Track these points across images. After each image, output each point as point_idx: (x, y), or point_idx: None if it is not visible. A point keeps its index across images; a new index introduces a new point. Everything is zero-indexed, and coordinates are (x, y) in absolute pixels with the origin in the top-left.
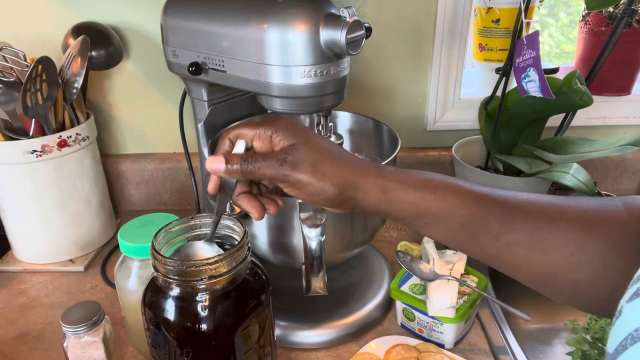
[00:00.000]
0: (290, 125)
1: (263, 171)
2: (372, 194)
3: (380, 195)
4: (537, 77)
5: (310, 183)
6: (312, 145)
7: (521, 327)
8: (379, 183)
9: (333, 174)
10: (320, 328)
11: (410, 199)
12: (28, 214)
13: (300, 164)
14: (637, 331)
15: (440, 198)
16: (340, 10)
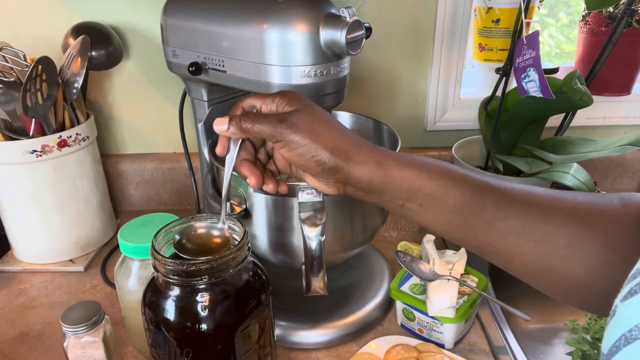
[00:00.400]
0: (295, 95)
1: (261, 128)
2: (365, 166)
3: (374, 169)
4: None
5: (304, 144)
6: (313, 112)
7: (521, 327)
8: (373, 156)
9: (328, 138)
10: (320, 328)
11: (404, 175)
12: (28, 214)
13: (298, 124)
14: (630, 332)
15: (434, 177)
16: (340, 10)
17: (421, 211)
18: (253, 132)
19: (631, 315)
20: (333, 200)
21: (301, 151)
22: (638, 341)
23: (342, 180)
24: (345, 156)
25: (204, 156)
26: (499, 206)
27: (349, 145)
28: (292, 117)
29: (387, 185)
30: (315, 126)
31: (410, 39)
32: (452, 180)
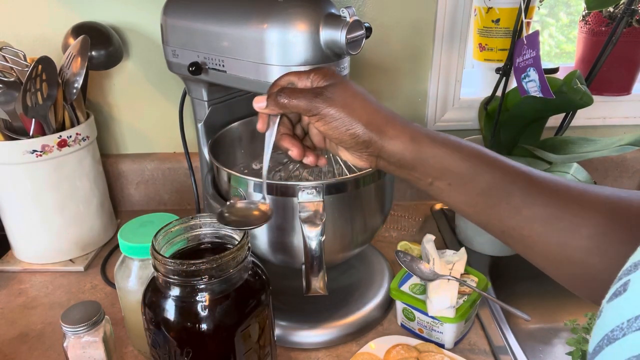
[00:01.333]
0: (330, 70)
1: (297, 102)
2: (398, 141)
3: (407, 144)
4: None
5: (339, 117)
6: (347, 86)
7: (521, 327)
8: (407, 132)
9: (362, 112)
10: (320, 328)
11: (437, 153)
12: (28, 214)
13: (333, 98)
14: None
15: (466, 158)
16: (340, 10)
17: (449, 190)
18: (290, 107)
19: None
20: (333, 200)
21: (336, 124)
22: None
23: (374, 153)
24: (378, 130)
25: (204, 156)
26: (528, 192)
27: (383, 120)
28: (327, 91)
29: (418, 162)
30: (349, 100)
31: (410, 39)
32: (483, 162)
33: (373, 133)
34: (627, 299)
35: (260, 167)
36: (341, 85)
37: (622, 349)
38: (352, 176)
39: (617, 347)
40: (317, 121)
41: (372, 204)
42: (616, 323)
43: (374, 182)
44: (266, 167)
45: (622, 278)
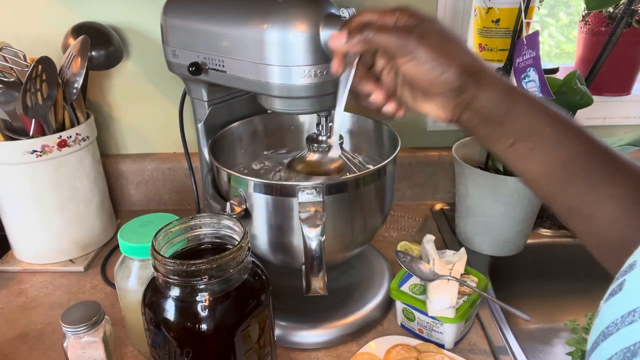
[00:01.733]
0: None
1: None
2: (494, 91)
3: (502, 96)
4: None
5: (434, 58)
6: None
7: (521, 327)
8: (503, 84)
9: (459, 56)
10: (320, 328)
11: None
12: (28, 214)
13: (430, 36)
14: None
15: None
16: (340, 10)
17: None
18: (377, 43)
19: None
20: (333, 200)
21: (429, 66)
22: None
23: (465, 102)
24: (476, 77)
25: (204, 156)
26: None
27: (480, 66)
28: (421, 28)
29: (508, 117)
30: (445, 40)
31: None
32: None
33: (470, 79)
34: (622, 297)
35: (260, 167)
36: (435, 25)
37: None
38: (352, 176)
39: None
40: (408, 62)
41: (372, 204)
42: (611, 320)
43: (374, 182)
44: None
45: (619, 279)
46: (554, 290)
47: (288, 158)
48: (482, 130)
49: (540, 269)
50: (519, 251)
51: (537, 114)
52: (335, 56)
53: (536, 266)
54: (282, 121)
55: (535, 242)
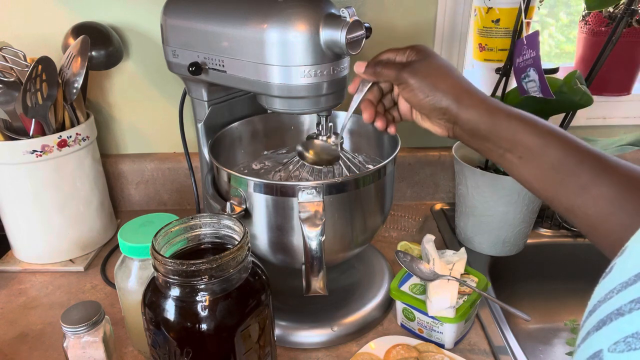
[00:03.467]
0: (423, 48)
1: (388, 72)
2: (474, 110)
3: (482, 114)
4: (537, 77)
5: (420, 87)
6: (433, 61)
7: (521, 327)
8: (484, 103)
9: (442, 82)
10: (320, 328)
11: (511, 125)
12: (28, 214)
13: (419, 69)
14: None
15: (539, 133)
16: (340, 10)
17: (520, 164)
18: (382, 75)
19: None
20: (333, 200)
21: (417, 92)
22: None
23: (451, 120)
24: (456, 99)
25: (204, 156)
26: (596, 171)
27: (461, 90)
28: (414, 64)
29: (492, 132)
30: (432, 71)
31: (410, 39)
32: (555, 138)
33: (450, 101)
34: (610, 278)
35: (260, 167)
36: (428, 60)
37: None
38: (352, 176)
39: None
40: (402, 89)
41: (372, 204)
42: (598, 299)
43: (374, 182)
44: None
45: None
46: (554, 290)
47: (288, 158)
48: (474, 144)
49: (540, 269)
50: (519, 251)
51: (520, 127)
52: (354, 80)
53: (536, 266)
54: (282, 121)
55: (535, 242)
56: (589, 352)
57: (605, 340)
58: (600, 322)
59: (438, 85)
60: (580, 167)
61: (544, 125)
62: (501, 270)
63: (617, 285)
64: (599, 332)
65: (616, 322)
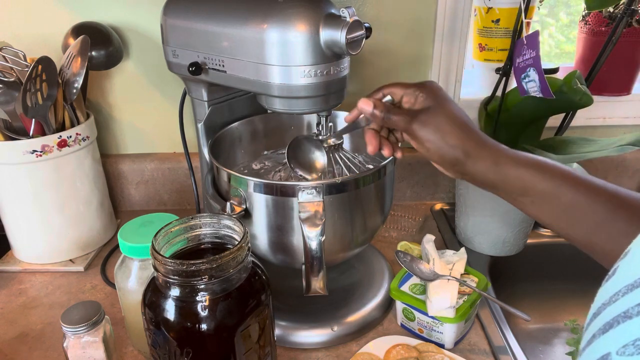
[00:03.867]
0: (434, 90)
1: (397, 122)
2: (482, 163)
3: (490, 167)
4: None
5: (430, 140)
6: (444, 110)
7: (521, 327)
8: (491, 155)
9: (451, 136)
10: (320, 328)
11: (519, 174)
12: (28, 214)
13: (427, 122)
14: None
15: (548, 178)
16: (340, 10)
17: (532, 207)
18: (389, 123)
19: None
20: (333, 200)
21: (427, 145)
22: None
23: (459, 171)
24: (464, 153)
25: (204, 156)
26: (611, 208)
27: (470, 144)
28: (423, 115)
29: (501, 182)
30: (442, 124)
31: (410, 39)
32: (565, 180)
33: (458, 155)
34: (614, 280)
35: (260, 167)
36: (438, 110)
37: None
38: (352, 176)
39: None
40: (411, 140)
41: (372, 204)
42: (602, 301)
43: (374, 182)
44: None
45: (614, 266)
46: (554, 290)
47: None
48: (485, 189)
49: (540, 269)
50: (519, 251)
51: (528, 175)
52: (355, 110)
53: (536, 266)
54: (282, 121)
55: (535, 242)
56: (596, 356)
57: (613, 344)
58: (607, 325)
59: (447, 139)
60: (594, 205)
61: (553, 169)
62: (501, 270)
63: (623, 288)
64: (606, 335)
65: (624, 325)
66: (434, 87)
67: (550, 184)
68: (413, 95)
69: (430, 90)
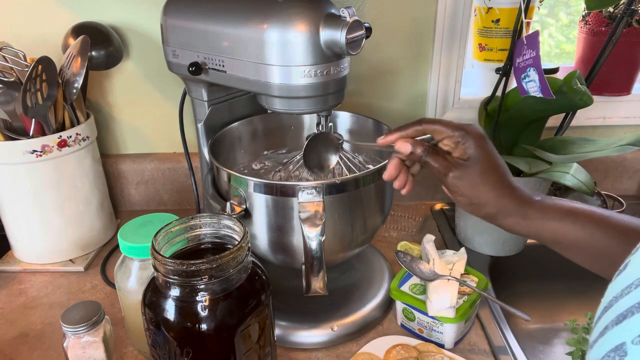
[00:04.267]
0: (477, 139)
1: (436, 168)
2: (512, 218)
3: (519, 221)
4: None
5: (463, 194)
6: (482, 166)
7: (521, 327)
8: (521, 211)
9: (485, 195)
10: (320, 328)
11: (548, 227)
12: (28, 214)
13: (464, 178)
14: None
15: (580, 228)
16: (340, 10)
17: (567, 252)
18: (428, 167)
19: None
20: (333, 200)
21: (459, 199)
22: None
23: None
24: (495, 210)
25: (204, 156)
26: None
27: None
28: (460, 170)
29: (529, 233)
30: (477, 182)
31: (410, 39)
32: (599, 227)
33: (488, 212)
34: (625, 274)
35: (260, 167)
36: (476, 166)
37: (613, 312)
38: (352, 176)
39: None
40: (446, 188)
41: (372, 204)
42: (613, 294)
43: (374, 182)
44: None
45: (625, 261)
46: (554, 290)
47: (288, 158)
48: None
49: (540, 269)
50: (519, 251)
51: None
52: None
53: (536, 266)
54: (282, 121)
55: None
56: (609, 347)
57: (628, 333)
58: (620, 316)
59: (480, 197)
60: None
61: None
62: (501, 270)
63: (635, 281)
64: (620, 325)
65: (638, 315)
66: (477, 135)
67: (583, 234)
68: (454, 142)
69: (473, 138)
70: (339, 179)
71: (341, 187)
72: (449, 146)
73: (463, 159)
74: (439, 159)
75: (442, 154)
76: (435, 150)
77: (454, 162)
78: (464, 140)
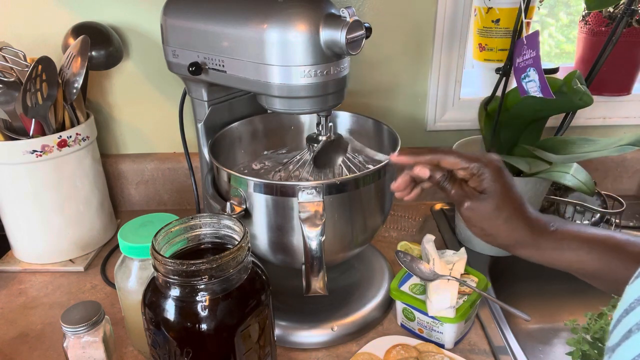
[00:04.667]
0: (495, 172)
1: (453, 197)
2: (526, 249)
3: (533, 252)
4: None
5: (475, 225)
6: (497, 200)
7: (521, 327)
8: (536, 243)
9: (496, 227)
10: (320, 328)
11: (564, 258)
12: (28, 214)
13: (480, 210)
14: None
15: (596, 258)
16: (340, 10)
17: (585, 279)
18: (445, 194)
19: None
20: (333, 200)
21: (473, 229)
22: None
23: (504, 249)
24: (508, 242)
25: (204, 156)
26: None
27: (515, 236)
28: (478, 202)
29: (546, 263)
30: (493, 215)
31: (410, 39)
32: (614, 255)
33: (503, 243)
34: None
35: (260, 167)
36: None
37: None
38: (352, 176)
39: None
40: (461, 215)
41: (372, 204)
42: (635, 297)
43: (374, 182)
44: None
45: None
46: (554, 290)
47: (288, 158)
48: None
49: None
50: None
51: (573, 257)
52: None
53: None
54: (282, 121)
55: None
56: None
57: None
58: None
59: (495, 229)
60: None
61: (598, 243)
62: (501, 270)
63: None
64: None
65: None
66: (494, 168)
67: (599, 263)
68: (472, 172)
69: (491, 171)
70: (339, 179)
71: (341, 187)
72: (466, 177)
73: (478, 190)
74: (456, 186)
75: (459, 181)
76: (454, 177)
77: (469, 192)
78: (480, 172)
